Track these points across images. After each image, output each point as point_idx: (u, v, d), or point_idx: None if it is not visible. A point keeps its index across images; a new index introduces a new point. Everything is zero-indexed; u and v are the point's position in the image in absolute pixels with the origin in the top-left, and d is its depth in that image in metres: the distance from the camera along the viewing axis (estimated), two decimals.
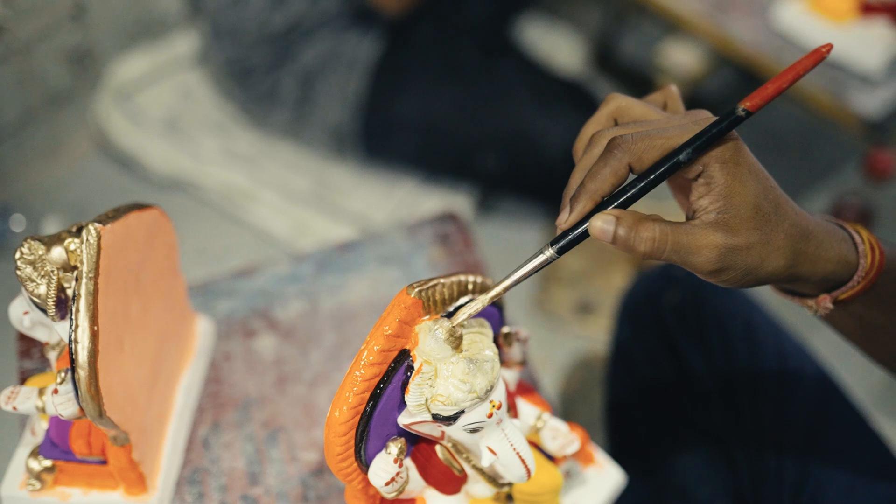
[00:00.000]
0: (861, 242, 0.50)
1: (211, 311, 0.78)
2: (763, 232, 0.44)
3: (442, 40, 1.44)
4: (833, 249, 0.48)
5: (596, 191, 0.45)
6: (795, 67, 0.43)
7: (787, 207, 0.46)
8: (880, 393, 1.32)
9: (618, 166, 0.44)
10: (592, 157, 0.47)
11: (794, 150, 1.68)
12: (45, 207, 1.47)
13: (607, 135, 0.47)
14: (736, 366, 0.80)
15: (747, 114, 0.44)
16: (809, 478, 0.74)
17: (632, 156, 0.44)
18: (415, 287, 0.48)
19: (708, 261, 0.44)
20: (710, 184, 0.44)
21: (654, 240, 0.44)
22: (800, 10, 1.23)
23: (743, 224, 0.44)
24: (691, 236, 0.44)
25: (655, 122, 0.47)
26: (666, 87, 0.53)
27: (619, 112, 0.50)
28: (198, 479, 0.67)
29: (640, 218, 0.44)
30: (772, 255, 0.45)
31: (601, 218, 0.44)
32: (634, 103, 0.50)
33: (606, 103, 0.51)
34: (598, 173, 0.45)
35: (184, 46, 1.61)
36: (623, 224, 0.44)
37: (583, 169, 0.47)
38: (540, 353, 1.34)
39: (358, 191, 1.48)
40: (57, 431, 0.58)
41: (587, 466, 0.64)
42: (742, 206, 0.44)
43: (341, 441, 0.47)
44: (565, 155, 1.38)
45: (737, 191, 0.44)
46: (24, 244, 0.52)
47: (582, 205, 0.45)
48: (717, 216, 0.44)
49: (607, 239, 0.44)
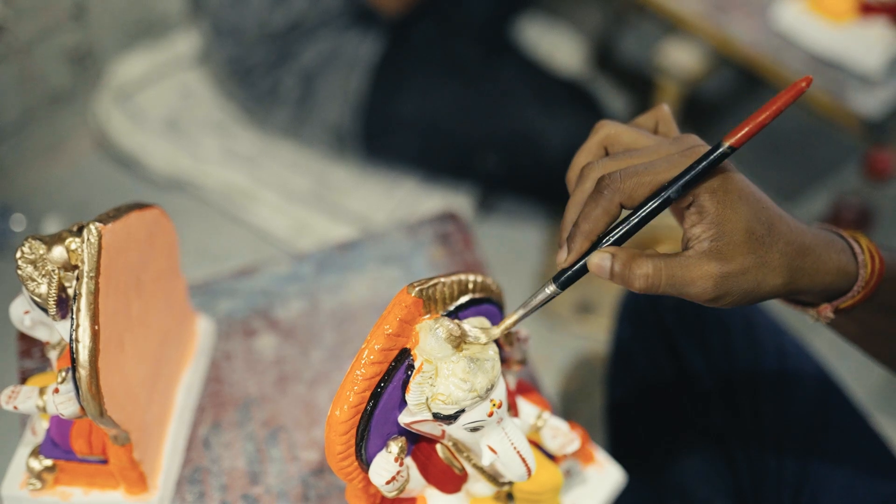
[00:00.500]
0: (860, 252, 0.50)
1: (211, 311, 0.78)
2: (757, 255, 0.45)
3: (442, 40, 1.44)
4: (832, 262, 0.48)
5: (591, 231, 0.46)
6: (776, 102, 0.43)
7: (782, 225, 0.46)
8: (880, 393, 1.32)
9: (609, 206, 0.46)
10: (584, 192, 0.48)
11: (794, 150, 1.68)
12: (45, 207, 1.47)
13: (597, 168, 0.48)
14: (736, 366, 0.80)
15: (732, 150, 0.44)
16: (809, 477, 0.74)
17: (622, 195, 0.45)
18: (415, 286, 0.48)
19: (704, 291, 0.45)
20: (702, 212, 0.45)
21: (647, 276, 0.45)
22: (799, 11, 1.23)
23: (737, 249, 0.45)
24: (685, 269, 0.45)
25: (644, 150, 0.48)
26: (657, 108, 0.53)
27: (608, 140, 0.51)
28: (198, 478, 0.67)
29: (634, 255, 0.45)
30: (768, 275, 0.46)
31: (598, 255, 0.46)
32: (623, 130, 0.50)
33: (596, 132, 0.51)
34: (590, 214, 0.46)
35: (184, 46, 1.61)
36: (618, 261, 0.45)
37: (575, 204, 0.48)
38: (540, 353, 1.34)
39: (358, 190, 1.48)
40: (58, 431, 0.58)
41: (587, 465, 0.64)
42: (734, 231, 0.45)
43: (342, 440, 0.48)
44: (565, 154, 1.38)
45: (728, 217, 0.45)
46: (25, 243, 0.52)
47: (578, 245, 0.47)
48: (711, 244, 0.45)
49: (605, 276, 0.46)
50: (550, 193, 1.50)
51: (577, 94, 1.44)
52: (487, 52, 1.46)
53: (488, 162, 1.41)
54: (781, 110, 0.43)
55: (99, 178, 1.55)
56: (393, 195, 1.48)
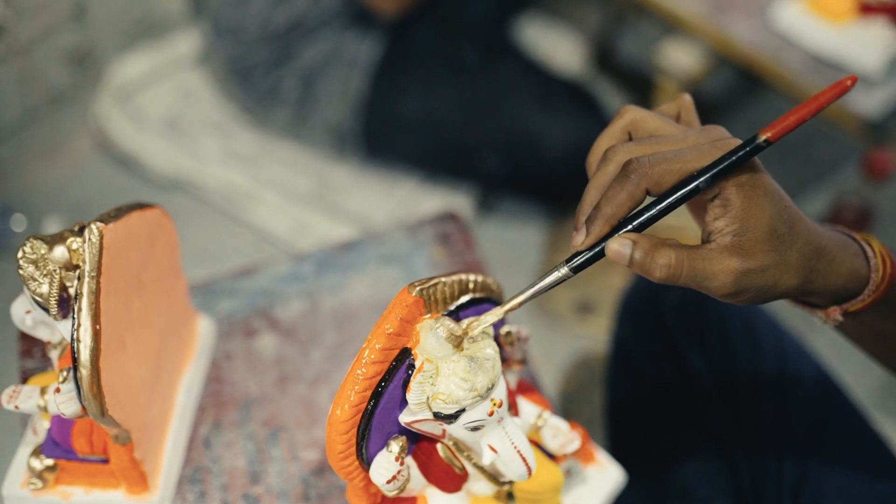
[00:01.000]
0: (873, 256, 0.50)
1: (212, 311, 0.78)
2: (778, 253, 0.45)
3: (442, 40, 1.44)
4: (845, 265, 0.48)
5: (613, 215, 0.45)
6: (818, 98, 0.43)
7: (802, 226, 0.46)
8: (880, 393, 1.32)
9: (634, 191, 0.44)
10: (607, 175, 0.46)
11: (794, 149, 1.68)
12: (45, 207, 1.47)
13: (622, 151, 0.47)
14: (736, 365, 0.80)
15: (767, 143, 0.43)
16: (809, 478, 0.74)
17: (649, 180, 0.44)
18: (416, 286, 0.48)
19: (724, 285, 0.45)
20: (727, 206, 0.44)
21: (669, 266, 0.44)
22: (799, 11, 1.23)
23: (758, 246, 0.44)
24: (707, 262, 0.44)
25: (670, 137, 0.47)
26: (679, 97, 0.52)
27: (633, 125, 0.50)
28: (199, 477, 0.67)
29: (656, 243, 0.44)
30: (786, 275, 0.45)
31: (618, 241, 0.45)
32: (649, 116, 0.49)
33: (621, 116, 0.50)
34: (614, 197, 0.45)
35: (184, 46, 1.61)
36: (639, 249, 0.44)
37: (597, 187, 0.47)
38: (540, 352, 1.34)
39: (358, 190, 1.48)
40: (59, 430, 0.58)
41: (587, 465, 0.64)
42: (758, 228, 0.44)
43: (343, 439, 0.48)
44: (565, 154, 1.38)
45: (753, 213, 0.44)
46: (26, 243, 0.52)
47: (598, 228, 0.45)
48: (733, 238, 0.44)
49: (623, 262, 0.45)
50: (550, 193, 1.50)
51: (576, 94, 1.44)
52: (487, 52, 1.46)
53: (488, 162, 1.41)
54: (823, 107, 0.43)
55: (99, 179, 1.55)
56: (393, 195, 1.48)
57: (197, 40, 1.60)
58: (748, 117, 1.74)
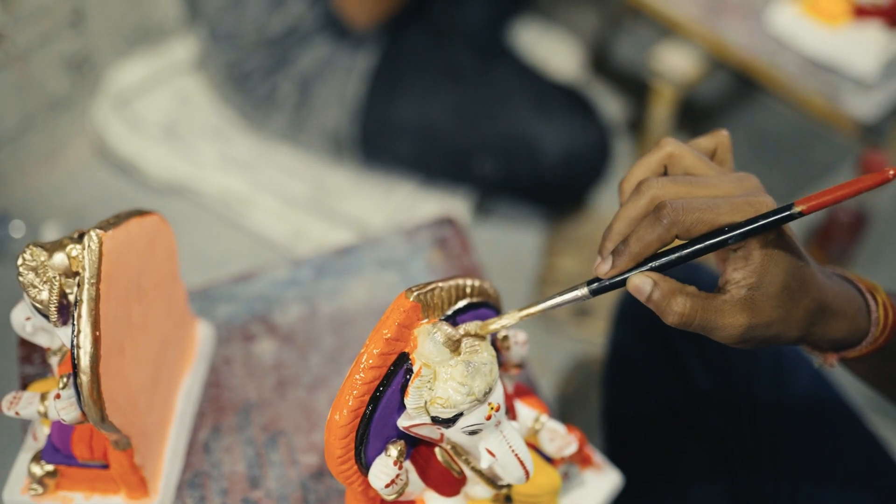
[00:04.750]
0: (875, 309, 0.51)
1: (211, 316, 0.78)
2: (785, 309, 0.46)
3: (438, 45, 1.44)
4: (846, 320, 0.50)
5: (640, 254, 0.46)
6: (858, 183, 0.43)
7: (812, 282, 0.47)
8: (877, 396, 1.32)
9: (665, 235, 0.46)
10: (637, 208, 0.48)
11: (789, 152, 1.69)
12: (44, 213, 1.47)
13: (656, 186, 0.47)
14: (733, 368, 0.81)
15: (801, 215, 0.45)
16: (806, 479, 0.74)
17: (680, 227, 0.45)
18: (413, 291, 0.48)
19: (730, 336, 0.46)
20: (748, 259, 0.46)
21: (682, 315, 0.46)
22: (794, 14, 1.23)
23: (768, 302, 0.46)
24: (719, 314, 0.46)
25: (705, 180, 0.48)
26: (717, 133, 0.53)
27: (670, 160, 0.51)
28: (199, 482, 0.67)
29: (675, 289, 0.46)
30: (788, 329, 0.47)
31: (640, 278, 0.46)
32: (687, 153, 0.50)
33: (660, 148, 0.51)
34: (644, 238, 0.46)
35: (182, 52, 1.61)
36: (658, 290, 0.46)
37: (626, 218, 0.48)
38: (538, 356, 1.34)
39: (356, 195, 1.49)
40: (59, 436, 0.58)
41: (585, 468, 0.65)
42: (772, 284, 0.46)
43: (341, 444, 0.48)
44: (561, 158, 1.39)
45: (770, 270, 0.46)
46: (26, 250, 0.53)
47: (624, 264, 0.46)
48: (748, 293, 0.46)
49: (642, 298, 0.46)
50: (547, 197, 1.50)
51: (573, 98, 1.45)
52: (483, 56, 1.46)
53: (485, 166, 1.42)
54: (861, 192, 0.43)
55: (97, 185, 1.55)
56: (390, 200, 1.49)
57: (194, 46, 1.61)
58: (744, 121, 1.74)
